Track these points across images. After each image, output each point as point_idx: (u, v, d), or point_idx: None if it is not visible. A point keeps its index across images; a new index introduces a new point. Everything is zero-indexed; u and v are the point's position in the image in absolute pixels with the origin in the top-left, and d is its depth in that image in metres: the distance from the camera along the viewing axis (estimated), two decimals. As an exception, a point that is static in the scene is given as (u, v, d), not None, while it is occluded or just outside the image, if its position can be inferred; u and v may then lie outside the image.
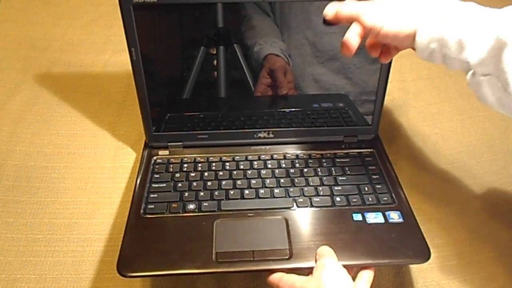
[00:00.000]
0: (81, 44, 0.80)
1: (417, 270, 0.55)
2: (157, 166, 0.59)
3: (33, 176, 0.62)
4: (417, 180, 0.64)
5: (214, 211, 0.53)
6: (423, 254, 0.49)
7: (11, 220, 0.58)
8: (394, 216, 0.53)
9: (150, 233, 0.51)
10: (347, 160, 0.60)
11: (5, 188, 0.61)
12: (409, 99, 0.74)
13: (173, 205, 0.54)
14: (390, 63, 0.57)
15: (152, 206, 0.53)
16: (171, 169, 0.58)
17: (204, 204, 0.54)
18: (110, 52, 0.80)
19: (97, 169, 0.64)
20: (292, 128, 0.62)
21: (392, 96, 0.74)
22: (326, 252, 0.47)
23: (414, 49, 0.44)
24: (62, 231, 0.57)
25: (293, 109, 0.63)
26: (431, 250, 0.53)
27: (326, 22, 0.46)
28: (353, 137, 0.63)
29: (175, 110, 0.62)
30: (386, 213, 0.53)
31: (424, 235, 0.58)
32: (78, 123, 0.69)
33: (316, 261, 0.47)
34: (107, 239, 0.57)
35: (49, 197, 0.60)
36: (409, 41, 0.44)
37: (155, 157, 0.60)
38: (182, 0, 0.52)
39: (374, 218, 0.52)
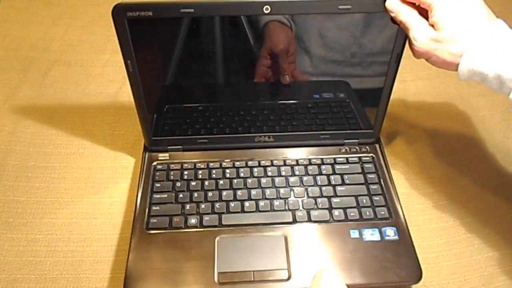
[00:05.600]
0: (81, 44, 0.80)
1: (417, 270, 0.56)
2: (157, 173, 0.59)
3: (33, 176, 0.62)
4: (417, 180, 0.64)
5: (216, 225, 0.54)
6: (415, 276, 0.50)
7: (11, 220, 0.58)
8: (390, 233, 0.54)
9: (154, 251, 0.52)
10: (347, 167, 0.60)
11: (5, 188, 0.61)
12: (409, 99, 0.74)
13: (175, 219, 0.54)
14: (398, 66, 0.56)
15: (155, 221, 0.54)
16: (171, 177, 0.59)
17: (206, 218, 0.54)
18: (110, 52, 0.80)
19: (97, 169, 0.64)
20: (292, 132, 0.62)
21: (392, 96, 0.74)
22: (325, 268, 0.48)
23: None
24: (62, 231, 0.57)
25: (293, 101, 0.62)
26: (431, 250, 0.54)
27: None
28: (354, 140, 0.63)
29: (174, 115, 0.62)
30: (383, 229, 0.54)
31: (425, 234, 0.58)
32: (78, 123, 0.69)
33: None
34: (107, 239, 0.57)
35: (49, 197, 0.60)
36: (453, 68, 0.45)
37: (155, 163, 0.60)
38: (178, 14, 0.50)
39: (371, 235, 0.53)
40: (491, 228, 0.59)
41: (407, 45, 0.52)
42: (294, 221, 0.55)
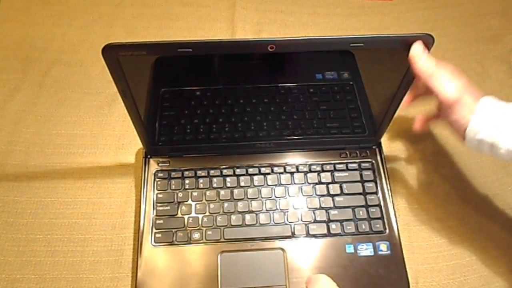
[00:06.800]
0: (81, 44, 0.80)
1: (417, 270, 0.56)
2: (158, 182, 0.59)
3: (33, 176, 0.62)
4: (417, 180, 0.64)
5: (218, 240, 0.55)
6: None
7: (11, 220, 0.58)
8: (383, 248, 0.55)
9: (161, 267, 0.53)
10: (346, 174, 0.60)
11: (5, 188, 0.61)
12: (409, 99, 0.74)
13: (179, 233, 0.55)
14: (409, 85, 0.52)
15: (160, 236, 0.55)
16: (173, 186, 0.59)
17: (208, 232, 0.55)
18: (110, 52, 0.79)
19: (97, 169, 0.64)
20: (293, 138, 0.62)
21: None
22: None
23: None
24: (62, 231, 0.57)
25: (293, 104, 0.62)
26: (431, 250, 0.55)
27: None
28: (355, 145, 0.62)
29: (171, 126, 0.62)
30: (377, 243, 0.55)
31: (425, 234, 0.58)
32: (78, 123, 0.69)
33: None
34: (107, 239, 0.57)
35: (49, 197, 0.60)
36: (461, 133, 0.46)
37: (155, 170, 0.60)
38: (175, 53, 0.45)
39: (365, 250, 0.55)
40: (491, 228, 0.59)
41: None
42: (293, 235, 0.56)
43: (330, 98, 0.62)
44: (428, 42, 0.45)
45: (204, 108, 0.62)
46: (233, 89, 0.62)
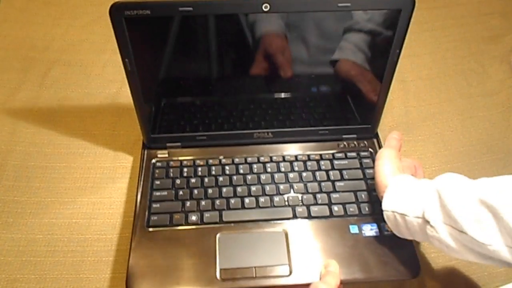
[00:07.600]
0: (81, 44, 0.80)
1: (417, 270, 0.56)
2: (157, 171, 0.59)
3: (33, 176, 0.62)
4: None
5: (216, 222, 0.54)
6: (413, 271, 0.50)
7: (11, 220, 0.58)
8: (389, 228, 0.53)
9: (155, 248, 0.52)
10: (345, 162, 0.60)
11: (5, 188, 0.61)
12: (409, 99, 0.74)
13: (176, 216, 0.54)
14: (396, 65, 0.56)
15: (156, 218, 0.54)
16: (171, 174, 0.58)
17: (206, 215, 0.54)
18: (110, 52, 0.80)
19: (97, 169, 0.64)
20: (291, 128, 0.62)
21: (392, 96, 0.74)
22: (329, 268, 0.49)
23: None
24: (62, 231, 0.57)
25: (291, 96, 0.61)
26: (431, 250, 0.53)
27: None
28: (352, 135, 0.63)
29: (172, 113, 0.62)
30: (382, 224, 0.54)
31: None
32: (78, 123, 0.69)
33: (320, 275, 0.48)
34: (107, 239, 0.57)
35: (49, 197, 0.60)
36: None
37: (154, 160, 0.60)
38: (177, 12, 0.49)
39: (370, 230, 0.53)
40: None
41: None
42: (294, 216, 0.55)
43: (326, 106, 0.63)
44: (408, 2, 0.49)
45: (203, 103, 0.62)
46: (235, 103, 0.62)
